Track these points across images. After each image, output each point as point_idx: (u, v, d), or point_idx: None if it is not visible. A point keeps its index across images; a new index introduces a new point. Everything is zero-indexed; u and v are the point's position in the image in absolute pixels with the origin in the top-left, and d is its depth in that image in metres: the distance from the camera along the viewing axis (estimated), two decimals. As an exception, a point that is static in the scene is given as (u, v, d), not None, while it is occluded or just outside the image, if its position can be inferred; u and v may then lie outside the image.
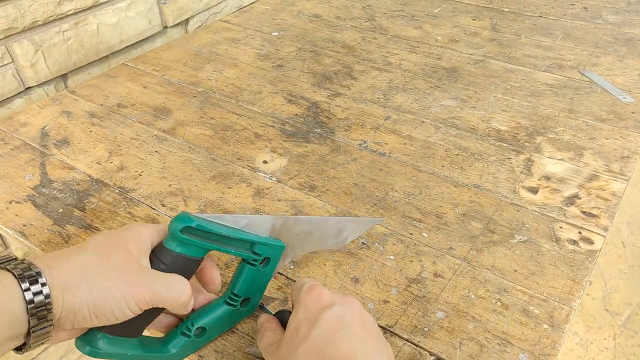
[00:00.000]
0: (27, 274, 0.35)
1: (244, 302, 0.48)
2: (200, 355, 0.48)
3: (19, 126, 0.82)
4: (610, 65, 0.96)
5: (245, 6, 1.31)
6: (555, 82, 0.92)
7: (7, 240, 0.94)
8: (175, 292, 0.41)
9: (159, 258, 0.42)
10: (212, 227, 0.42)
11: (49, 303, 0.35)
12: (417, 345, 0.49)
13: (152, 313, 0.42)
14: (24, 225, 0.63)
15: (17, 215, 0.65)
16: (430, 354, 0.48)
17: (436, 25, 1.14)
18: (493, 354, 0.48)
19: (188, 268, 0.43)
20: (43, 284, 0.35)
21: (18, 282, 0.35)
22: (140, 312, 0.40)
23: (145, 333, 0.45)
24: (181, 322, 0.47)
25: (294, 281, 0.55)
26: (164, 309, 0.43)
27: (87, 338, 0.41)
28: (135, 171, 0.72)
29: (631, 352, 1.44)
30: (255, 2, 1.29)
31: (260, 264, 0.47)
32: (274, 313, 0.48)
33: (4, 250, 0.94)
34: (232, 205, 0.66)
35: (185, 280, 0.42)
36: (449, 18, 1.17)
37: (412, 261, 0.58)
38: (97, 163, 0.74)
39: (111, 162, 0.74)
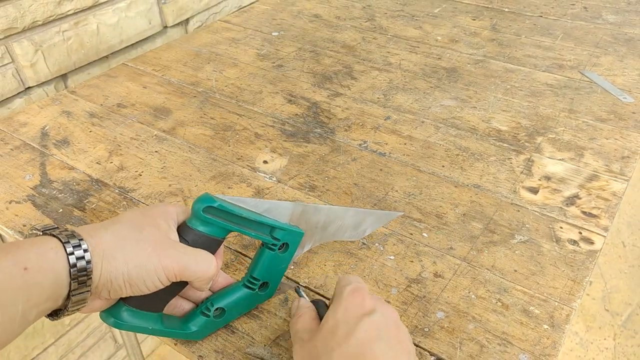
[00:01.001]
0: (72, 240, 0.38)
1: (263, 286, 0.49)
2: (200, 356, 0.48)
3: (18, 126, 0.82)
4: (611, 65, 0.96)
5: (245, 6, 1.31)
6: (556, 82, 0.92)
7: (7, 240, 0.94)
8: (203, 266, 0.43)
9: (182, 236, 0.44)
10: (233, 209, 0.44)
11: (89, 269, 0.38)
12: (417, 346, 0.49)
13: (177, 287, 0.44)
14: (24, 226, 0.63)
15: (17, 215, 0.65)
16: (431, 354, 0.48)
17: (436, 25, 1.14)
18: (493, 354, 0.48)
19: (209, 247, 0.45)
20: (85, 250, 0.38)
21: (63, 246, 0.37)
22: (168, 284, 0.42)
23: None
24: (201, 303, 0.48)
25: (295, 281, 0.55)
26: (187, 284, 0.45)
27: (111, 310, 0.43)
28: (135, 171, 0.72)
29: (631, 352, 1.44)
30: (255, 2, 1.29)
31: (279, 249, 0.48)
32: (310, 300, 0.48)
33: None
34: (232, 205, 0.66)
35: (212, 255, 0.44)
36: (449, 18, 1.17)
37: (412, 261, 0.58)
38: (97, 163, 0.73)
39: (111, 162, 0.74)
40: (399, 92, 0.90)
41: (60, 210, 0.65)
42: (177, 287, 0.44)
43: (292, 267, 0.57)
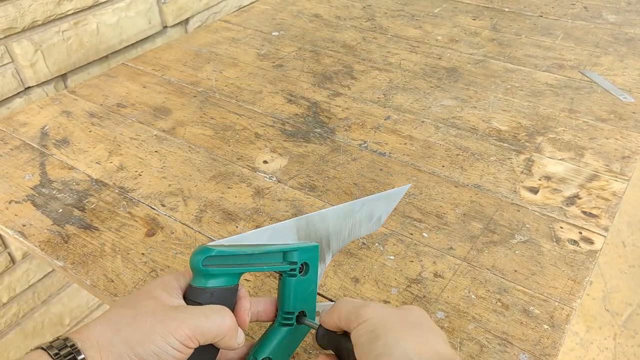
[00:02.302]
0: (55, 343, 0.35)
1: (300, 317, 0.44)
2: (200, 356, 0.48)
3: (18, 126, 0.82)
4: (611, 65, 0.96)
5: (245, 6, 1.31)
6: (556, 82, 0.92)
7: (7, 240, 0.94)
8: (216, 320, 0.38)
9: (191, 300, 0.40)
10: (233, 250, 0.40)
11: None
12: (417, 346, 0.49)
13: (204, 353, 0.39)
14: (24, 225, 0.63)
15: (16, 215, 0.65)
16: (431, 354, 0.48)
17: (436, 25, 1.14)
18: (493, 354, 0.48)
19: (225, 300, 0.40)
20: (73, 347, 0.34)
21: (47, 352, 0.34)
22: (188, 351, 0.37)
23: None
24: None
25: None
26: (217, 349, 0.40)
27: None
28: (135, 171, 0.72)
29: (631, 352, 1.44)
30: (255, 2, 1.29)
31: (300, 272, 0.43)
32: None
33: (4, 250, 0.94)
34: (232, 205, 0.66)
35: (224, 307, 0.40)
36: (449, 18, 1.17)
37: (412, 261, 0.58)
38: (97, 163, 0.73)
39: (111, 162, 0.74)
40: (399, 92, 0.89)
41: (60, 210, 0.65)
42: (205, 353, 0.39)
43: (292, 267, 0.57)
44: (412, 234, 0.61)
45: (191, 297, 0.40)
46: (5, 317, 0.99)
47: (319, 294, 0.54)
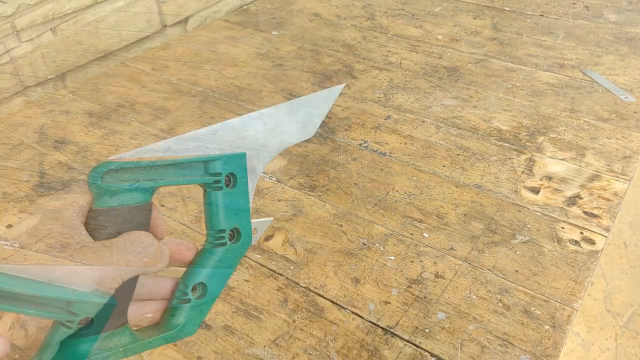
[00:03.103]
0: None
1: (233, 236, 0.39)
2: (199, 357, 0.48)
3: (17, 126, 0.81)
4: (612, 65, 0.96)
5: (245, 5, 1.30)
6: (557, 81, 0.91)
7: (6, 240, 0.94)
8: (137, 250, 0.33)
9: (96, 224, 0.34)
10: (140, 162, 0.35)
11: None
12: (418, 347, 0.49)
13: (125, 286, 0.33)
14: (22, 225, 0.63)
15: (15, 215, 0.65)
16: (432, 355, 0.48)
17: (437, 24, 1.13)
18: (494, 354, 0.48)
19: (138, 220, 0.35)
20: None
21: None
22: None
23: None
24: (172, 296, 0.38)
25: (295, 282, 0.55)
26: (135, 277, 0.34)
27: (65, 351, 0.32)
28: (134, 171, 0.72)
29: (633, 353, 1.43)
30: (254, 1, 1.29)
31: (227, 185, 0.38)
32: None
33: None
34: (231, 205, 0.65)
35: (145, 233, 0.34)
36: (450, 17, 1.17)
37: (412, 262, 0.57)
38: (96, 162, 0.73)
39: (110, 162, 0.73)
40: (400, 92, 0.89)
41: (59, 210, 0.65)
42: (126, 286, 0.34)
43: (292, 267, 0.57)
44: (412, 234, 0.61)
45: (94, 220, 0.34)
46: (4, 317, 0.98)
47: (317, 293, 0.54)
